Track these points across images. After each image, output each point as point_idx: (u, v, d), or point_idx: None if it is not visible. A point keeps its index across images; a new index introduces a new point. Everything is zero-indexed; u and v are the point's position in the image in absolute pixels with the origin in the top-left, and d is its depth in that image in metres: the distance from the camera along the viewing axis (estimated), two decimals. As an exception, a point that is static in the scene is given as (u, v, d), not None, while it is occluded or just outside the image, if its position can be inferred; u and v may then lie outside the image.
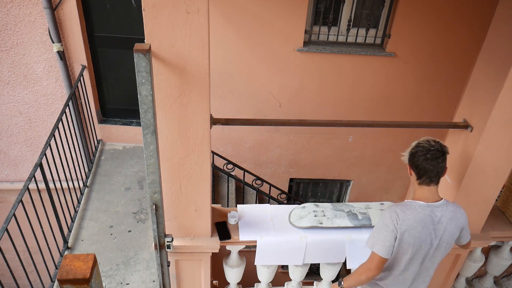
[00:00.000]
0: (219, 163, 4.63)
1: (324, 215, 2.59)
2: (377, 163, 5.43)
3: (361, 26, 4.61)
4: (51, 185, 3.29)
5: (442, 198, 2.07)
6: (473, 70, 2.41)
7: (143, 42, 1.77)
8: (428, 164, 1.97)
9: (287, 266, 2.89)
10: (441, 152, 1.98)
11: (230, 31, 4.34)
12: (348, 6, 4.48)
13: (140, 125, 3.10)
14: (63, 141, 3.68)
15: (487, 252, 3.13)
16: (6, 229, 2.66)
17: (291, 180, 5.63)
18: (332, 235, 2.56)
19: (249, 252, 2.76)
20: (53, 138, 3.40)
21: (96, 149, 4.71)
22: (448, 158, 2.54)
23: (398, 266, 2.11)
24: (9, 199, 5.09)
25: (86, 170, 4.35)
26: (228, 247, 2.66)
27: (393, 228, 1.99)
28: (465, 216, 2.11)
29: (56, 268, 3.44)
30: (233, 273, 2.78)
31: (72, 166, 3.89)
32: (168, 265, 2.35)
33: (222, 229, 2.53)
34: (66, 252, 3.48)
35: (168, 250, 2.24)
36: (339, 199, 6.02)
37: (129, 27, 4.29)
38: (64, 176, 3.71)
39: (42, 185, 3.08)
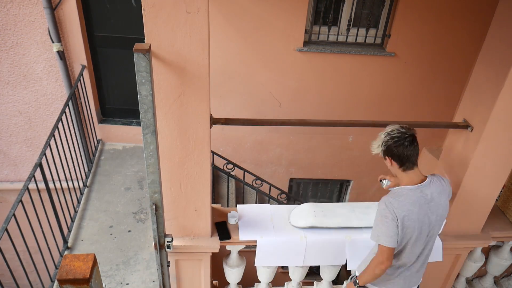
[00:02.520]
0: (219, 163, 4.63)
1: (324, 215, 2.59)
2: (377, 163, 5.41)
3: (361, 26, 4.61)
4: (51, 185, 3.29)
5: (426, 176, 2.12)
6: (473, 70, 2.41)
7: (143, 42, 1.77)
8: (408, 151, 2.02)
9: (287, 266, 2.89)
10: (414, 136, 2.05)
11: (230, 31, 4.34)
12: (348, 6, 4.48)
13: (140, 125, 3.09)
14: (63, 141, 3.67)
15: (487, 252, 3.13)
16: (6, 229, 2.66)
17: (291, 180, 5.63)
18: (332, 235, 2.55)
19: (249, 252, 2.76)
20: (53, 138, 3.40)
21: (96, 149, 4.71)
22: (448, 158, 2.54)
23: (407, 251, 2.14)
24: (9, 199, 5.09)
25: (86, 170, 4.35)
26: (228, 247, 2.66)
27: (392, 217, 2.02)
28: (448, 182, 2.18)
29: (56, 268, 3.43)
30: (233, 273, 2.78)
31: (72, 166, 3.89)
32: (168, 265, 2.35)
33: (222, 229, 2.53)
34: (66, 252, 3.48)
35: (168, 250, 2.23)
36: (339, 199, 6.02)
37: (129, 27, 4.29)
38: (64, 176, 3.71)
39: (42, 185, 3.08)
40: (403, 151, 2.02)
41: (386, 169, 2.22)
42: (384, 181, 2.45)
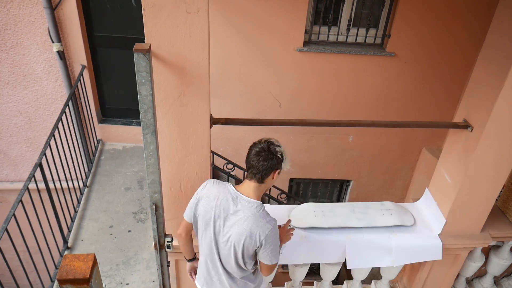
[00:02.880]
0: (219, 163, 4.63)
1: (324, 215, 2.59)
2: (377, 163, 5.43)
3: (361, 26, 4.61)
4: (51, 185, 3.29)
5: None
6: (473, 70, 2.40)
7: (143, 42, 1.77)
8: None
9: (287, 266, 2.89)
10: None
11: (230, 31, 4.34)
12: (348, 6, 4.48)
13: (140, 125, 3.10)
14: (63, 141, 3.68)
15: (487, 252, 3.13)
16: (6, 229, 2.66)
17: (291, 180, 5.63)
18: (332, 235, 2.55)
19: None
20: (53, 138, 3.40)
21: (96, 149, 4.71)
22: (448, 158, 2.54)
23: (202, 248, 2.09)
24: (9, 199, 5.09)
25: (86, 170, 4.35)
26: (228, 247, 2.66)
27: (195, 196, 2.02)
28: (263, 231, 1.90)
29: (56, 268, 3.43)
30: (233, 273, 2.78)
31: (72, 166, 3.89)
32: (168, 265, 2.35)
33: (222, 229, 2.52)
34: (66, 252, 3.48)
35: (168, 250, 2.24)
36: (339, 199, 6.02)
37: (129, 27, 4.29)
38: (64, 176, 3.71)
39: (42, 185, 3.09)
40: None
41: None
42: None
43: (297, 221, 2.58)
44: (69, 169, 3.80)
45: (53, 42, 4.05)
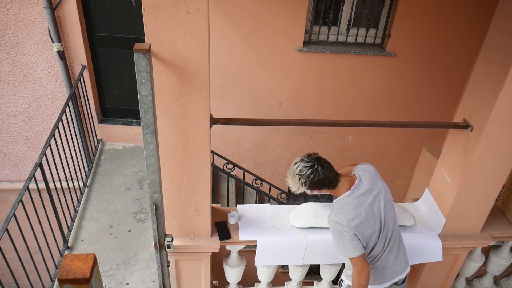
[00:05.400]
0: (219, 163, 4.63)
1: (324, 215, 2.59)
2: (377, 163, 5.43)
3: (361, 26, 4.61)
4: (51, 185, 3.29)
5: (354, 175, 2.19)
6: (473, 70, 2.41)
7: (143, 42, 1.77)
8: (326, 174, 2.09)
9: (287, 266, 2.89)
10: (318, 157, 2.12)
11: (230, 31, 4.34)
12: (348, 6, 4.48)
13: (140, 125, 3.10)
14: (63, 141, 3.68)
15: (487, 252, 3.13)
16: (6, 229, 2.66)
17: (291, 180, 5.62)
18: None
19: (249, 252, 2.76)
20: (53, 138, 3.40)
21: (96, 149, 4.71)
22: (448, 158, 2.54)
23: (373, 246, 2.18)
24: (9, 199, 5.09)
25: (86, 170, 4.35)
26: (228, 247, 2.66)
27: (347, 230, 2.08)
28: (369, 165, 2.30)
29: (56, 268, 3.44)
30: (233, 273, 2.78)
31: (72, 166, 3.89)
32: (168, 265, 2.35)
33: (222, 229, 2.53)
34: (66, 252, 3.48)
35: (168, 250, 2.24)
36: (339, 199, 6.01)
37: (129, 27, 4.29)
38: (64, 176, 3.71)
39: (42, 185, 3.08)
40: (323, 178, 2.07)
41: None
42: None
43: (297, 221, 2.59)
44: (69, 169, 3.80)
45: (53, 42, 4.05)
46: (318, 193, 2.18)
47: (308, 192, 2.16)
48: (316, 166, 2.07)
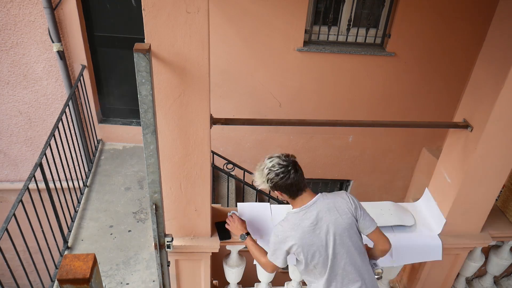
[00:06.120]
0: (219, 163, 4.63)
1: (324, 215, 2.59)
2: (377, 163, 5.43)
3: (361, 26, 4.61)
4: (51, 185, 3.29)
5: (314, 196, 2.08)
6: (473, 70, 2.40)
7: (143, 42, 1.77)
8: (294, 180, 2.02)
9: (287, 266, 2.89)
10: (295, 163, 2.06)
11: (230, 31, 4.34)
12: (348, 6, 4.48)
13: (140, 125, 3.10)
14: (63, 141, 3.68)
15: (487, 252, 3.13)
16: (6, 229, 2.66)
17: (291, 180, 5.62)
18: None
19: (249, 252, 2.75)
20: (53, 138, 3.40)
21: (96, 149, 4.71)
22: (448, 158, 2.54)
23: (322, 275, 2.06)
24: (9, 199, 5.09)
25: (86, 170, 4.35)
26: (228, 247, 2.66)
27: (280, 240, 2.04)
28: (350, 200, 2.07)
29: (56, 268, 3.44)
30: (233, 273, 2.78)
31: (72, 166, 3.89)
32: (168, 265, 2.35)
33: (222, 229, 2.53)
34: (66, 252, 3.48)
35: (168, 250, 2.24)
36: (339, 199, 6.01)
37: (129, 27, 4.29)
38: (64, 176, 3.71)
39: (42, 185, 3.09)
40: (290, 183, 2.01)
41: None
42: None
43: (297, 221, 2.58)
44: (69, 169, 3.80)
45: (53, 42, 4.05)
46: (280, 196, 2.10)
47: (270, 189, 2.09)
48: (289, 168, 2.02)
